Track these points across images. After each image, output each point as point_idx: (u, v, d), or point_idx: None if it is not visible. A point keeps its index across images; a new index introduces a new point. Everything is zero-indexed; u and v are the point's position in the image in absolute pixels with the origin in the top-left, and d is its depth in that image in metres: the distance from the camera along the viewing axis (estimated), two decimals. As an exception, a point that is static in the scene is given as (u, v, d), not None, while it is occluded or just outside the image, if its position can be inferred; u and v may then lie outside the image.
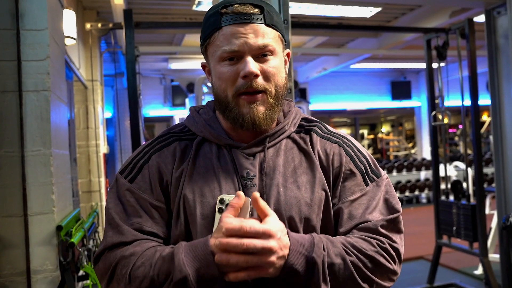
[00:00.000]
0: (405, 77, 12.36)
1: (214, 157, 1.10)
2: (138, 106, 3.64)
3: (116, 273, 1.01)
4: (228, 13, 1.04)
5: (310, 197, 1.07)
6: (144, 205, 1.07)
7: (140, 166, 1.11)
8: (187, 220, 1.06)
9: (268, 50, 1.05)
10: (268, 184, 1.07)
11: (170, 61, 8.51)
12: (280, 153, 1.12)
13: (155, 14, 5.70)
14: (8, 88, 2.13)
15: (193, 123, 1.16)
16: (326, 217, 1.10)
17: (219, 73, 1.06)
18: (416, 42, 7.15)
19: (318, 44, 7.77)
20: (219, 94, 1.08)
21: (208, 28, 1.07)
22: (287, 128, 1.15)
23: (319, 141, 1.15)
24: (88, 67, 4.73)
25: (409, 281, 4.73)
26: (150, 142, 1.16)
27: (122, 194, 1.09)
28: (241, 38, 1.03)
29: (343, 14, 5.76)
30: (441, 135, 4.71)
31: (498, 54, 3.86)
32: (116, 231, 1.05)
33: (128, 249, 1.02)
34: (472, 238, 4.06)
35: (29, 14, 2.16)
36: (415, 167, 10.25)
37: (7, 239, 2.10)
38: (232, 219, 0.93)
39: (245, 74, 1.03)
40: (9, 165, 2.12)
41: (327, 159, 1.13)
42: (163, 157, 1.11)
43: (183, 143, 1.13)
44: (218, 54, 1.06)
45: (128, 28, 3.52)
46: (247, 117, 1.05)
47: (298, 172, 1.10)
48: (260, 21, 1.05)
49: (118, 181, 1.11)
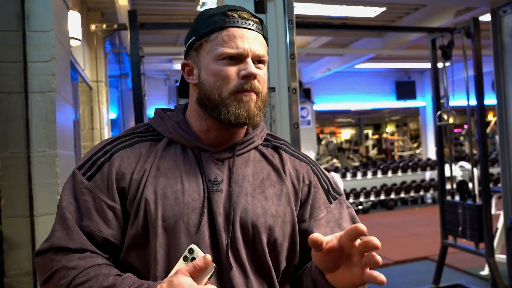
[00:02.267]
0: (410, 77, 12.34)
1: (179, 159, 1.10)
2: (142, 107, 3.64)
3: (53, 279, 1.00)
4: (235, 16, 1.07)
5: (276, 209, 1.10)
6: (99, 205, 1.05)
7: (100, 164, 1.08)
8: (146, 221, 1.04)
9: (263, 59, 1.10)
10: (236, 191, 1.08)
11: (174, 61, 8.53)
12: (249, 164, 1.13)
13: (160, 15, 5.71)
14: (14, 89, 2.14)
15: (161, 123, 1.15)
16: (291, 233, 1.12)
17: (216, 71, 1.07)
18: (421, 42, 7.13)
19: (323, 44, 7.77)
20: (211, 90, 1.08)
21: (210, 25, 1.08)
22: (255, 139, 1.17)
23: (288, 159, 1.18)
24: (93, 68, 4.75)
25: (414, 281, 4.71)
26: (111, 141, 1.13)
27: (79, 192, 1.07)
28: (245, 42, 1.06)
29: (347, 14, 5.75)
30: (447, 135, 4.69)
31: (504, 53, 3.84)
32: (65, 232, 1.03)
33: (72, 259, 1.00)
34: (478, 239, 4.05)
35: (35, 16, 2.17)
36: (420, 167, 10.23)
37: (13, 240, 2.11)
38: (186, 281, 0.91)
39: (247, 74, 1.05)
40: (15, 166, 2.12)
41: (298, 176, 1.16)
42: (125, 158, 1.09)
43: (147, 144, 1.12)
44: (217, 52, 1.06)
45: (132, 29, 3.53)
46: (243, 109, 1.07)
47: (266, 184, 1.12)
48: (260, 31, 1.10)
49: (75, 177, 1.09)
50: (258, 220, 1.07)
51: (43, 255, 1.04)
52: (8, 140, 2.13)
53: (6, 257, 2.10)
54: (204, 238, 1.04)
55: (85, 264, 0.99)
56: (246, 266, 1.06)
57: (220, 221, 1.04)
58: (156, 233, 1.03)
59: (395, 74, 12.24)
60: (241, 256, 1.06)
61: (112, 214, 1.05)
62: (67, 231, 1.03)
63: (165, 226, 1.03)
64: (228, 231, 1.05)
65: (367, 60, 9.10)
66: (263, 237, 1.08)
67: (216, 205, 1.05)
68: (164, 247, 1.03)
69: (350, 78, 11.78)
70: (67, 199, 1.07)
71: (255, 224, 1.07)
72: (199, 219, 1.04)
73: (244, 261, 1.06)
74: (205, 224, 1.04)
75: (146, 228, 1.04)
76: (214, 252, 1.04)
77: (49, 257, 1.03)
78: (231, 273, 1.04)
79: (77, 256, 1.01)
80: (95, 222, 1.04)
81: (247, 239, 1.07)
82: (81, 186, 1.07)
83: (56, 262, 1.01)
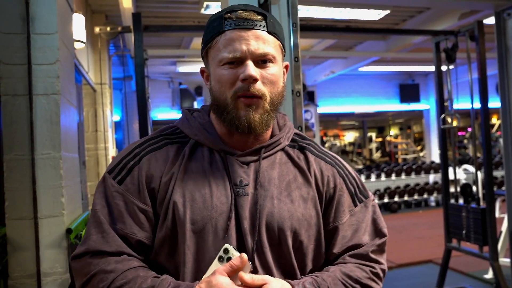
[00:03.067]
0: (414, 79, 12.31)
1: (206, 162, 1.10)
2: (146, 109, 3.65)
3: (92, 282, 1.01)
4: (232, 18, 1.06)
5: (302, 212, 1.09)
6: (131, 209, 1.06)
7: (130, 167, 1.09)
8: (174, 224, 1.04)
9: (268, 58, 1.06)
10: (262, 195, 1.08)
11: (178, 64, 8.54)
12: (275, 166, 1.12)
13: (164, 17, 5.73)
14: (19, 91, 2.14)
15: (188, 125, 1.16)
16: (317, 235, 1.12)
17: (219, 76, 1.06)
18: (425, 45, 7.12)
19: (326, 47, 7.77)
20: (218, 97, 1.08)
21: (211, 32, 1.08)
22: (282, 141, 1.16)
23: (314, 160, 1.17)
24: (97, 71, 4.76)
25: (418, 285, 4.70)
26: (140, 144, 1.14)
27: (111, 196, 1.08)
28: (243, 43, 1.04)
29: (351, 17, 5.75)
30: (450, 138, 4.68)
31: (508, 56, 3.83)
32: (101, 236, 1.04)
33: (110, 263, 1.01)
34: (482, 242, 4.03)
35: (39, 18, 2.18)
36: (424, 170, 10.19)
37: (17, 242, 2.11)
38: (225, 281, 0.93)
39: (245, 77, 1.03)
40: (19, 168, 2.13)
41: (322, 179, 1.15)
42: (153, 161, 1.09)
43: (174, 146, 1.12)
44: (219, 58, 1.06)
45: (136, 31, 3.54)
46: (243, 120, 1.05)
47: (292, 186, 1.11)
48: (263, 28, 1.06)
49: (106, 182, 1.10)
50: (284, 223, 1.07)
51: (79, 259, 1.05)
52: (13, 142, 2.14)
53: (10, 259, 2.11)
54: (232, 242, 1.04)
55: (122, 267, 1.00)
56: (272, 269, 1.06)
57: (246, 225, 1.04)
58: (184, 235, 1.03)
59: (399, 77, 12.22)
60: (267, 260, 1.06)
61: (144, 217, 1.06)
62: (102, 234, 1.04)
63: (193, 229, 1.04)
64: (253, 235, 1.04)
65: (371, 63, 9.09)
66: (289, 240, 1.07)
67: (242, 209, 1.05)
68: (192, 250, 1.04)
69: (354, 81, 11.76)
70: (100, 203, 1.08)
71: (281, 228, 1.06)
72: (226, 223, 1.04)
73: (270, 264, 1.06)
74: (233, 227, 1.04)
75: (175, 231, 1.05)
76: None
77: (86, 261, 1.03)
78: None
79: (114, 259, 1.02)
80: (128, 225, 1.05)
81: (273, 242, 1.07)
82: (112, 190, 1.08)
83: (94, 266, 1.01)
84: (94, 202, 1.09)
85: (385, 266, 1.16)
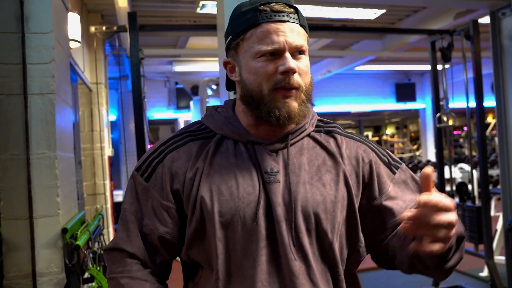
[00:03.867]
0: (410, 79, 12.34)
1: (231, 155, 1.11)
2: (142, 109, 3.65)
3: (109, 283, 1.13)
4: (267, 10, 1.06)
5: (334, 194, 1.09)
6: (155, 204, 1.11)
7: (155, 165, 1.13)
8: (203, 218, 1.07)
9: (302, 49, 1.08)
10: (294, 181, 1.08)
11: (174, 63, 8.53)
12: (303, 152, 1.13)
13: (159, 16, 5.71)
14: (13, 91, 2.14)
15: (212, 121, 1.17)
16: (350, 216, 1.12)
17: (255, 68, 1.07)
18: (421, 44, 7.13)
19: (323, 46, 7.77)
20: (253, 89, 1.08)
21: (243, 24, 1.08)
22: (307, 127, 1.17)
23: (344, 140, 1.18)
24: (93, 70, 4.75)
25: (414, 283, 4.71)
26: (165, 141, 1.17)
27: (139, 192, 1.13)
28: (281, 36, 1.05)
29: (347, 16, 5.75)
30: (446, 137, 4.70)
31: (503, 56, 3.85)
32: (125, 234, 1.12)
33: (123, 276, 1.10)
34: (477, 240, 4.05)
35: (34, 17, 2.17)
36: (420, 169, 10.20)
37: (12, 242, 2.11)
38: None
39: (285, 70, 1.04)
40: (15, 168, 2.12)
41: (356, 157, 1.16)
42: (177, 158, 1.12)
43: (197, 143, 1.14)
44: (255, 50, 1.06)
45: (132, 31, 3.53)
46: (283, 111, 1.06)
47: (322, 170, 1.12)
48: (296, 21, 1.07)
49: (135, 179, 1.15)
50: (318, 207, 1.07)
51: (108, 252, 1.15)
52: (8, 142, 2.13)
53: (5, 259, 2.10)
54: (261, 231, 1.05)
55: (132, 285, 1.08)
56: (308, 255, 1.06)
57: (280, 211, 1.05)
58: (214, 228, 1.05)
59: (395, 76, 12.24)
60: (303, 245, 1.06)
61: (167, 213, 1.11)
62: (127, 232, 1.12)
63: (222, 222, 1.05)
64: (289, 221, 1.05)
65: (367, 62, 9.10)
66: (325, 224, 1.07)
67: (275, 195, 1.06)
68: (223, 241, 1.05)
69: (350, 80, 11.77)
70: (128, 201, 1.15)
71: (316, 212, 1.07)
72: (255, 212, 1.05)
73: (306, 250, 1.06)
74: (262, 216, 1.05)
75: (204, 224, 1.07)
76: (271, 243, 1.05)
77: (111, 254, 1.14)
78: (291, 263, 1.04)
79: (127, 275, 1.10)
80: (152, 221, 1.11)
81: (310, 227, 1.07)
82: (140, 187, 1.13)
83: (115, 265, 1.12)
84: (124, 200, 1.16)
85: None
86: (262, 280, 1.03)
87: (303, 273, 1.04)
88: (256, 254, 1.04)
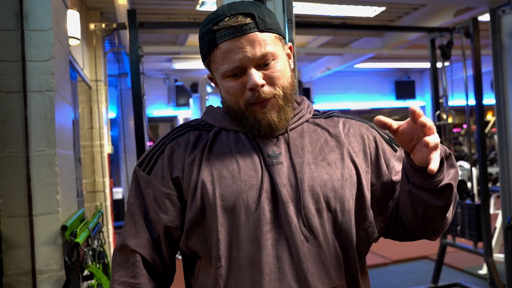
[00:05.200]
0: (409, 76, 12.33)
1: (232, 142, 1.11)
2: (142, 106, 3.64)
3: None
4: (221, 29, 1.03)
5: (341, 172, 1.09)
6: (158, 195, 1.10)
7: (156, 157, 1.13)
8: (203, 203, 1.05)
9: (267, 58, 1.05)
10: (299, 162, 1.08)
11: (173, 61, 8.51)
12: (304, 135, 1.13)
13: (159, 14, 5.70)
14: (13, 88, 2.13)
15: (211, 116, 1.18)
16: (359, 193, 1.11)
17: (227, 88, 1.08)
18: (420, 42, 7.13)
19: (322, 44, 7.76)
20: (232, 105, 1.10)
21: (205, 46, 1.08)
22: (304, 113, 1.17)
23: (345, 121, 1.18)
24: (92, 68, 4.74)
25: (413, 280, 4.72)
26: (166, 135, 1.19)
27: (143, 186, 1.13)
28: (239, 53, 1.02)
29: (346, 14, 5.75)
30: (446, 135, 4.70)
31: (503, 53, 3.85)
32: (133, 227, 1.12)
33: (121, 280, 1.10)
34: (476, 238, 4.05)
35: (34, 15, 2.16)
36: (419, 167, 10.21)
37: (12, 239, 2.11)
38: None
39: (251, 87, 1.04)
40: (14, 165, 2.12)
41: (361, 135, 1.16)
42: (176, 146, 1.13)
43: (197, 132, 1.15)
44: (221, 71, 1.06)
45: (132, 28, 3.53)
46: (263, 122, 1.07)
47: (326, 150, 1.11)
48: (254, 30, 1.03)
49: (138, 174, 1.15)
50: (326, 186, 1.06)
51: (117, 252, 1.13)
52: (7, 140, 2.13)
53: (5, 257, 2.10)
54: (265, 214, 1.03)
55: None
56: (319, 237, 1.04)
57: (285, 192, 1.04)
58: (216, 213, 1.04)
59: (395, 73, 12.23)
60: (314, 226, 1.04)
61: (168, 201, 1.10)
62: (135, 225, 1.12)
63: (224, 206, 1.04)
64: (296, 201, 1.04)
65: (366, 60, 9.08)
66: (335, 203, 1.06)
67: (279, 177, 1.05)
68: (225, 227, 1.04)
69: (350, 78, 11.76)
70: (133, 195, 1.15)
71: (324, 192, 1.06)
72: (258, 195, 1.04)
73: (317, 231, 1.04)
74: (265, 199, 1.04)
75: (205, 210, 1.06)
76: (277, 227, 1.03)
77: (118, 255, 1.13)
78: (300, 245, 1.02)
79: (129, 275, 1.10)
80: (155, 212, 1.11)
81: (320, 207, 1.05)
82: (143, 181, 1.13)
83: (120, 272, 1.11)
84: (129, 195, 1.16)
85: None
86: (270, 265, 1.01)
87: (313, 255, 1.02)
88: (261, 239, 1.02)
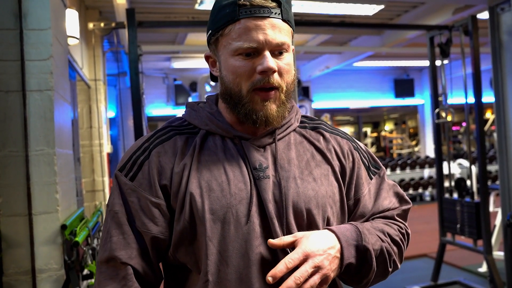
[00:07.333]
0: (408, 74, 12.34)
1: (220, 151, 1.06)
2: (141, 105, 3.64)
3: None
4: (247, 5, 1.00)
5: (325, 189, 1.08)
6: (144, 204, 1.03)
7: (140, 163, 1.06)
8: (192, 216, 1.01)
9: (284, 47, 1.03)
10: (285, 176, 1.05)
11: (172, 60, 8.52)
12: (291, 147, 1.11)
13: (158, 13, 5.70)
14: (12, 87, 2.13)
15: (196, 116, 1.12)
16: (340, 211, 1.11)
17: (233, 67, 1.03)
18: (419, 40, 7.14)
19: (321, 42, 7.77)
20: (232, 87, 1.04)
21: (223, 18, 1.03)
22: (292, 122, 1.14)
23: (330, 136, 1.17)
24: (91, 67, 4.74)
25: (413, 278, 4.72)
26: (148, 137, 1.11)
27: (127, 194, 1.05)
28: (260, 33, 0.99)
29: (345, 12, 5.75)
30: (445, 133, 4.70)
31: (502, 51, 3.85)
32: (122, 237, 1.03)
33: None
34: (476, 236, 4.06)
35: (32, 14, 2.16)
36: (419, 165, 10.23)
37: (11, 238, 2.11)
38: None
39: (264, 70, 1.00)
40: (13, 164, 2.12)
41: (343, 153, 1.15)
42: (163, 153, 1.06)
43: (183, 137, 1.09)
44: (233, 47, 1.02)
45: (130, 27, 3.52)
46: (261, 114, 1.03)
47: (312, 165, 1.10)
48: (278, 16, 1.01)
49: (119, 180, 1.07)
50: (310, 202, 1.04)
51: (102, 264, 1.04)
52: (6, 139, 2.13)
53: (4, 256, 2.11)
54: (255, 228, 1.00)
55: None
56: None
57: (271, 208, 1.01)
58: (204, 227, 1.00)
59: (394, 72, 12.24)
60: None
61: (158, 211, 1.04)
62: (123, 236, 1.03)
63: (213, 219, 1.00)
64: (280, 218, 1.02)
65: (365, 58, 9.09)
66: (318, 219, 1.05)
67: (265, 192, 1.02)
68: (214, 241, 1.00)
69: (349, 76, 11.77)
70: (117, 202, 1.06)
71: (308, 208, 1.04)
72: (248, 209, 1.01)
73: None
74: (255, 213, 1.01)
75: (193, 223, 1.02)
76: (266, 241, 1.00)
77: (105, 267, 1.03)
78: None
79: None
80: (142, 222, 1.03)
81: (301, 223, 1.04)
82: (125, 188, 1.06)
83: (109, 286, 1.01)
84: (112, 203, 1.07)
85: (409, 231, 1.18)
86: (259, 281, 0.99)
87: None
88: (250, 253, 0.99)
